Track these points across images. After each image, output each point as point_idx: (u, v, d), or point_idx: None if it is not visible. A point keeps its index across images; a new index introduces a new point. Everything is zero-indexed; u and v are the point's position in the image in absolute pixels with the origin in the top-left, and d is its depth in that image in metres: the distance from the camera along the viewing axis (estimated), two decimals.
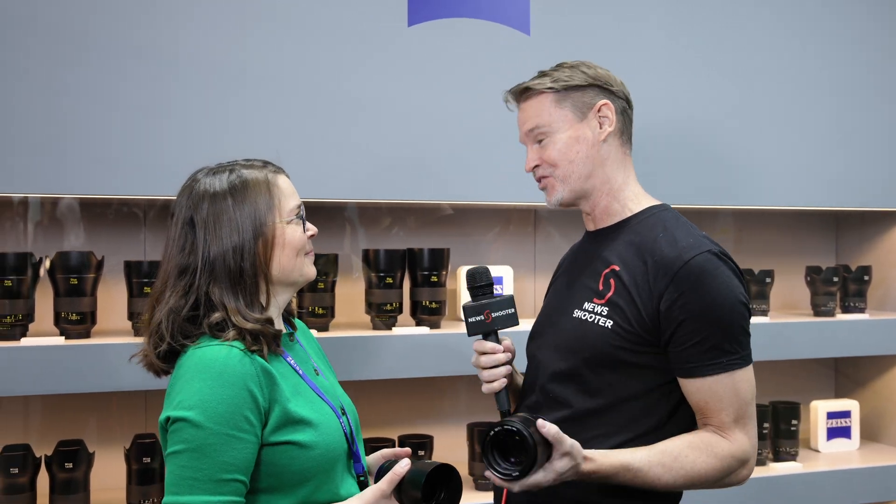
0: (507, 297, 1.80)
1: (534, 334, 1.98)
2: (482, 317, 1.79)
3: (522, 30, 2.73)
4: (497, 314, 1.79)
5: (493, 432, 1.62)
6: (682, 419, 1.78)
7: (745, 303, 1.73)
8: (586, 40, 2.79)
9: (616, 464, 1.67)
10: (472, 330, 1.80)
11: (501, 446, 1.62)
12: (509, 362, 1.85)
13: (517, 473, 1.59)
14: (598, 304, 1.79)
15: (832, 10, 3.12)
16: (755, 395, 1.75)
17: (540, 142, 1.85)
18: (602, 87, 1.84)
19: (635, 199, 1.87)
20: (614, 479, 1.68)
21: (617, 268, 1.79)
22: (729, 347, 1.70)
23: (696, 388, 1.72)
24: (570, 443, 1.61)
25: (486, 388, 1.83)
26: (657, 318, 1.72)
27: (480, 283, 1.81)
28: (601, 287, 1.81)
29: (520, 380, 2.00)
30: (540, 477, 1.60)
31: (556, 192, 1.86)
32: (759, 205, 3.06)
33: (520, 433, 1.58)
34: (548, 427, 1.59)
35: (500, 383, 1.81)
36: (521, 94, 1.88)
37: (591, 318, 1.80)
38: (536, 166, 1.87)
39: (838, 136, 3.12)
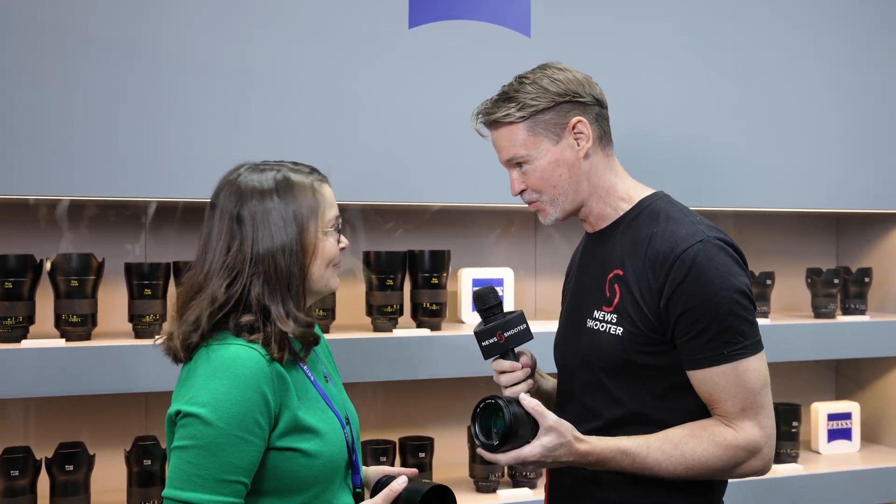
0: (517, 313, 1.79)
1: (557, 344, 1.98)
2: (495, 338, 1.78)
3: (523, 31, 2.73)
4: (510, 333, 1.77)
5: (478, 407, 1.67)
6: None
7: (743, 290, 1.69)
8: (587, 42, 2.79)
9: (613, 447, 1.67)
10: (488, 353, 1.79)
11: (490, 420, 1.67)
12: (531, 374, 1.85)
13: (496, 443, 1.63)
14: (607, 312, 1.79)
15: (833, 11, 3.12)
16: (768, 382, 1.71)
17: (520, 165, 1.83)
18: (571, 100, 1.79)
19: (626, 196, 1.85)
20: (612, 463, 1.68)
21: (621, 272, 1.78)
22: (729, 338, 1.68)
23: (699, 380, 1.71)
24: (553, 418, 1.64)
25: None
26: (660, 315, 1.71)
27: (490, 305, 1.79)
28: (608, 294, 1.80)
29: (546, 384, 2.00)
30: (527, 451, 1.64)
31: (548, 215, 1.85)
32: (759, 207, 3.06)
33: (497, 405, 1.64)
34: (528, 400, 1.64)
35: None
36: (490, 124, 1.84)
37: (602, 326, 1.79)
38: (522, 191, 1.85)
39: (839, 137, 3.12)
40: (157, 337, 1.72)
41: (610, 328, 1.77)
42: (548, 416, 1.64)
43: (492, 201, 2.70)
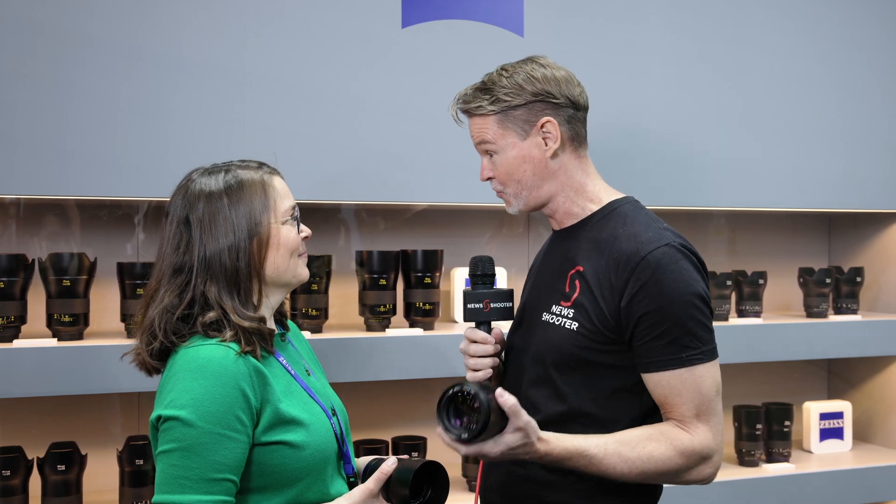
0: (507, 290, 1.81)
1: (509, 336, 1.97)
2: (481, 305, 1.79)
3: (516, 31, 2.73)
4: (496, 305, 1.79)
5: (450, 392, 1.60)
6: (657, 419, 1.78)
7: (703, 297, 1.71)
8: (580, 42, 2.79)
9: (570, 448, 1.65)
10: (469, 316, 1.81)
11: (458, 408, 1.60)
12: (498, 354, 1.86)
13: (465, 436, 1.58)
14: (565, 307, 1.79)
15: (826, 11, 3.12)
16: (720, 390, 1.73)
17: (490, 155, 1.85)
18: (543, 99, 1.80)
19: (595, 198, 1.86)
20: (568, 462, 1.67)
21: (581, 268, 1.79)
22: (688, 342, 1.69)
23: (655, 383, 1.72)
24: (526, 419, 1.60)
25: (470, 376, 1.83)
26: (619, 315, 1.72)
27: (483, 273, 1.81)
28: (567, 289, 1.80)
29: None
30: (489, 446, 1.59)
31: (511, 205, 1.88)
32: (752, 206, 3.07)
33: (475, 397, 1.57)
34: (506, 397, 1.57)
35: (485, 373, 1.81)
36: (465, 111, 1.87)
37: (557, 321, 1.80)
38: (490, 178, 1.88)
39: (831, 137, 3.13)
40: (124, 354, 1.74)
41: (566, 322, 1.78)
42: (521, 416, 1.60)
43: (485, 201, 2.70)
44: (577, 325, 1.76)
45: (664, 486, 1.85)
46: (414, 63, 2.63)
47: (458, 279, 2.89)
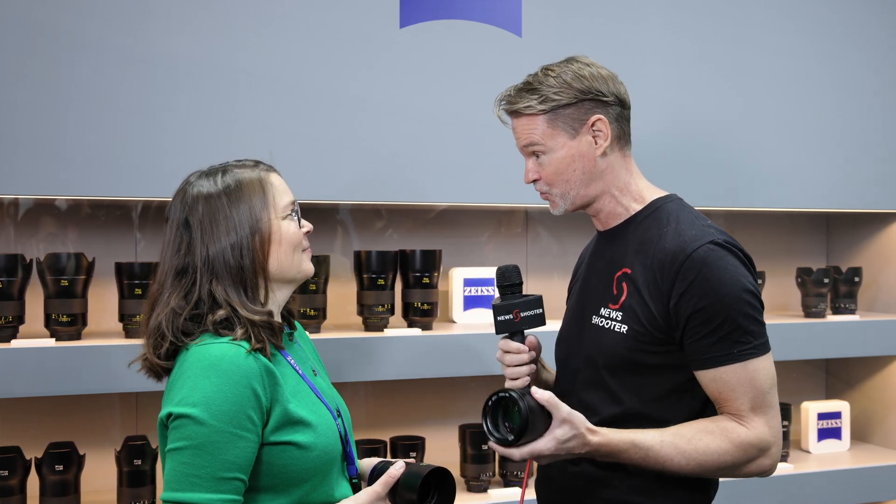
0: (536, 297, 1.80)
1: (560, 340, 1.98)
2: (511, 316, 1.78)
3: (514, 31, 2.73)
4: (526, 314, 1.78)
5: (489, 401, 1.65)
6: (711, 415, 1.78)
7: (752, 291, 1.71)
8: (578, 42, 2.79)
9: (626, 440, 1.67)
10: (501, 328, 1.80)
11: (503, 414, 1.66)
12: (534, 360, 1.86)
13: (511, 437, 1.62)
14: (613, 310, 1.80)
15: (826, 11, 3.12)
16: (775, 383, 1.74)
17: (537, 155, 1.84)
18: (593, 98, 1.80)
19: (638, 197, 1.86)
20: (623, 455, 1.68)
21: (629, 270, 1.79)
22: (739, 337, 1.70)
23: (709, 379, 1.72)
24: (567, 410, 1.63)
25: (509, 384, 1.82)
26: (668, 315, 1.72)
27: (510, 282, 1.80)
28: (615, 291, 1.81)
29: (545, 375, 2.01)
30: (541, 444, 1.63)
31: (557, 207, 1.87)
32: (750, 206, 3.07)
33: (512, 398, 1.62)
34: (540, 393, 1.62)
35: (523, 381, 1.80)
36: (512, 112, 1.85)
37: (607, 324, 1.80)
38: (535, 180, 1.86)
39: (830, 137, 3.13)
40: (131, 362, 1.73)
41: (615, 326, 1.78)
42: (562, 408, 1.63)
43: (483, 201, 2.71)
44: (626, 327, 1.77)
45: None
46: (412, 63, 2.63)
47: (456, 279, 2.89)
